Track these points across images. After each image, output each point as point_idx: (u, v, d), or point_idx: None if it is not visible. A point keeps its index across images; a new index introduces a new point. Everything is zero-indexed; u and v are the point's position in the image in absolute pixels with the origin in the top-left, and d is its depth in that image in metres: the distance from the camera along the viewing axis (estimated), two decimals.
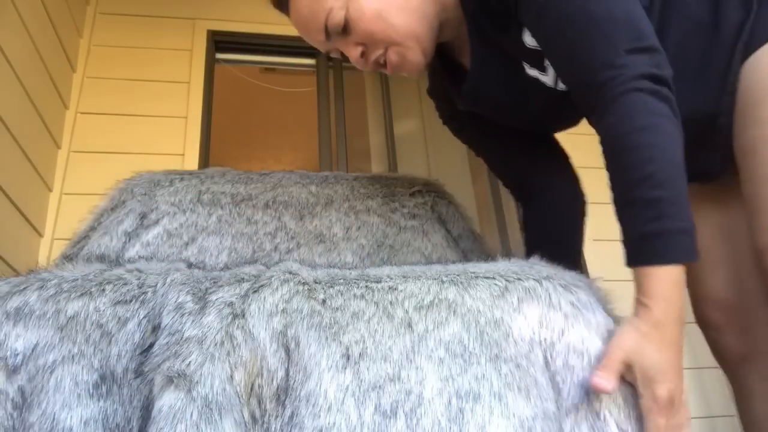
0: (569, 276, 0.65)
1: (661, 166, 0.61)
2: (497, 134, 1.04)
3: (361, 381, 0.53)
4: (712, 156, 0.83)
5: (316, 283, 0.60)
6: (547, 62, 0.82)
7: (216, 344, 0.53)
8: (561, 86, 0.84)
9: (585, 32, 0.68)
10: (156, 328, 0.55)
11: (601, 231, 1.17)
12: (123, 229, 0.98)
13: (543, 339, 0.59)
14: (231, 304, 0.56)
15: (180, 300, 0.56)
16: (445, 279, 0.62)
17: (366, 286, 0.60)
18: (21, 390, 0.54)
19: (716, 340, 0.99)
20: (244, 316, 0.56)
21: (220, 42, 2.36)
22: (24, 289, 0.59)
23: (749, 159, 0.74)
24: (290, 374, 0.53)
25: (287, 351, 0.54)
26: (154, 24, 2.27)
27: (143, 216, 1.01)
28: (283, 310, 0.56)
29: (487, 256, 1.08)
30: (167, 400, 0.49)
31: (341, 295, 0.59)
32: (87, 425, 0.51)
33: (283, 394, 0.52)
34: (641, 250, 0.62)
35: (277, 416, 0.52)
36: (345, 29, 0.83)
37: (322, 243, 1.05)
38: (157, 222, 1.00)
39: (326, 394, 0.51)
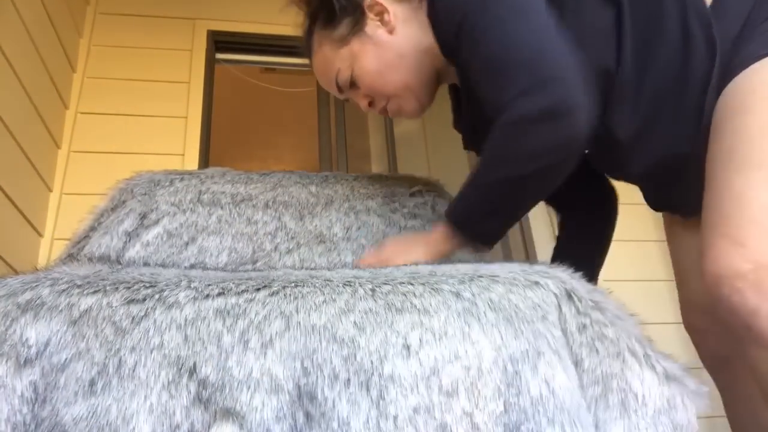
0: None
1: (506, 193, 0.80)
2: None
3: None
4: (686, 193, 0.86)
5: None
6: None
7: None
8: None
9: (492, 70, 0.78)
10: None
11: None
12: (123, 228, 0.98)
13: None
14: (282, 313, 0.58)
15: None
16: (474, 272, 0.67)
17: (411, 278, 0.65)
18: (34, 385, 0.54)
19: (699, 343, 1.01)
20: (298, 313, 0.59)
21: (220, 42, 2.36)
22: (36, 285, 0.59)
23: (707, 175, 0.77)
24: None
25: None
26: (154, 24, 2.27)
27: (143, 216, 1.01)
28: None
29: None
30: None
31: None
32: (77, 424, 0.51)
33: None
34: (460, 216, 0.84)
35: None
36: (353, 84, 0.97)
37: (322, 243, 1.05)
38: (157, 222, 1.00)
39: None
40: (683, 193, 0.91)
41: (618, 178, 1.06)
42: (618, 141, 0.84)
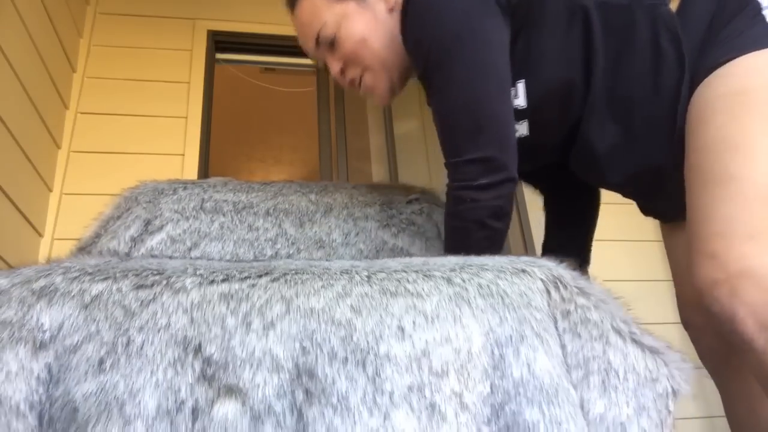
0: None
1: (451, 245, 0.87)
2: None
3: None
4: (668, 201, 0.89)
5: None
6: None
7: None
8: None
9: (446, 127, 0.85)
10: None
11: (601, 231, 1.18)
12: (130, 234, 1.00)
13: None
14: (283, 298, 0.60)
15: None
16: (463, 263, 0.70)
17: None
18: (48, 367, 0.57)
19: (697, 339, 1.02)
20: (307, 298, 0.61)
21: (220, 42, 2.36)
22: (49, 273, 0.62)
23: (687, 188, 0.80)
24: None
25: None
26: (154, 24, 2.27)
27: (148, 222, 1.03)
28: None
29: None
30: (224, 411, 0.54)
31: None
32: (87, 399, 0.54)
33: None
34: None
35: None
36: (332, 44, 0.95)
37: (321, 248, 1.07)
38: (161, 228, 1.02)
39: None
40: (666, 202, 0.92)
41: (598, 186, 1.08)
42: (596, 152, 0.87)
